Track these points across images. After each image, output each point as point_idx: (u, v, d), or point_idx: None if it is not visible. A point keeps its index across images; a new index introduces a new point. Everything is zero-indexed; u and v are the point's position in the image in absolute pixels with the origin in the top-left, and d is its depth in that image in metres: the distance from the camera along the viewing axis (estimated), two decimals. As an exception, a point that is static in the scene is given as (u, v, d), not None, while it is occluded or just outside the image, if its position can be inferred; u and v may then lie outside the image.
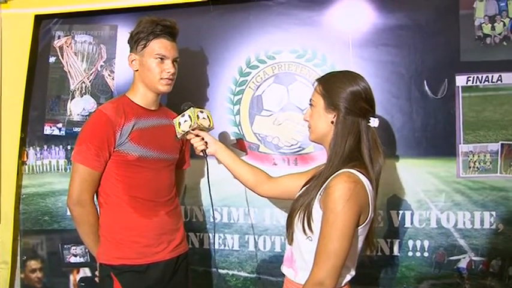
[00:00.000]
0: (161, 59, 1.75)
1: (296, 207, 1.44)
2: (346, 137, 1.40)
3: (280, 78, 2.23)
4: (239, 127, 2.27)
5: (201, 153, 1.73)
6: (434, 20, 2.09)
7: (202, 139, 1.72)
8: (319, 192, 1.37)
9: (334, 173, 1.37)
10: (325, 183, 1.36)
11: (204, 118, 1.72)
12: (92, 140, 1.70)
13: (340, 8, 2.17)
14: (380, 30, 2.14)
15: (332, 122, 1.43)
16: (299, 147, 2.20)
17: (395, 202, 2.11)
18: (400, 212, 2.11)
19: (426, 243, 2.10)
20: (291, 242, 1.48)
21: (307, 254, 1.39)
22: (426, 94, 2.10)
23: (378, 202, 1.79)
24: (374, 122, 1.43)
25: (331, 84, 1.45)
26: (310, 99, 1.50)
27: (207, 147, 1.72)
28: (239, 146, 2.24)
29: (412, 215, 2.11)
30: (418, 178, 2.10)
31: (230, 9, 2.26)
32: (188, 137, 1.74)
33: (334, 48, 2.17)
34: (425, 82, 2.09)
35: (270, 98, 2.24)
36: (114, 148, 1.72)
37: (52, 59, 2.44)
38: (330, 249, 1.30)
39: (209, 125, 1.74)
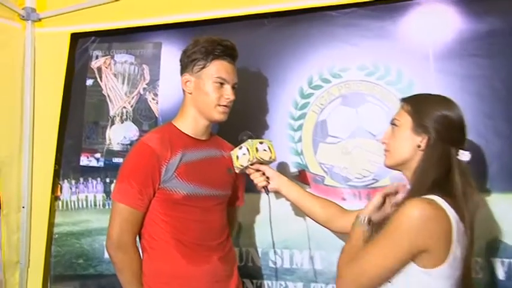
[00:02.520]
0: (221, 83, 1.76)
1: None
2: (435, 165, 1.38)
3: (348, 100, 2.18)
4: (301, 156, 2.23)
5: (263, 190, 1.72)
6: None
7: (263, 174, 1.72)
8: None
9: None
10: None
11: (264, 150, 1.72)
12: (135, 177, 1.69)
13: (418, 14, 2.11)
14: (467, 38, 2.05)
15: (419, 146, 1.42)
16: (372, 179, 2.12)
17: (498, 248, 1.95)
18: (506, 260, 1.95)
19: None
20: None
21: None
22: (530, 112, 1.97)
23: (475, 247, 1.68)
24: (464, 155, 1.40)
25: (422, 104, 1.46)
26: (394, 119, 1.50)
27: (268, 183, 1.72)
28: (301, 178, 2.19)
29: (524, 264, 1.93)
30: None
31: (288, 22, 2.24)
32: (247, 171, 1.75)
33: (412, 63, 2.11)
34: (529, 97, 1.96)
35: (337, 123, 2.20)
36: (159, 185, 1.70)
37: (89, 82, 2.48)
38: (366, 258, 1.32)
39: (270, 158, 1.74)
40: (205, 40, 1.76)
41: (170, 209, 1.72)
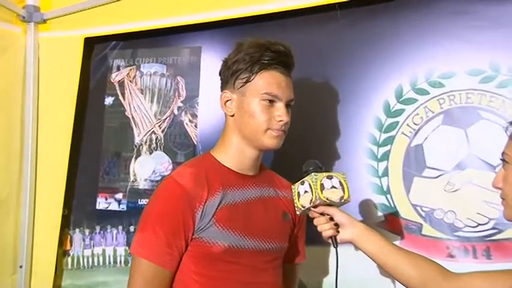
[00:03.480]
0: (270, 101, 1.70)
1: None
2: None
3: (454, 117, 2.07)
4: (387, 196, 2.14)
5: (329, 240, 1.65)
6: None
7: (331, 219, 1.64)
8: None
9: None
10: None
11: (333, 188, 1.64)
12: (162, 224, 1.65)
13: None
14: None
15: None
16: (493, 228, 1.98)
17: None
18: None
19: None
20: None
21: None
22: None
23: None
24: None
25: None
26: (503, 153, 1.42)
27: (337, 232, 1.65)
28: (389, 225, 2.10)
29: None
30: None
31: (366, 14, 2.18)
32: (310, 215, 1.69)
33: None
34: None
35: (438, 149, 2.08)
36: (193, 235, 1.66)
37: (109, 100, 2.50)
38: None
39: (342, 198, 1.65)
40: (250, 45, 1.72)
41: (207, 267, 1.67)
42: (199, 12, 2.26)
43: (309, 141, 2.18)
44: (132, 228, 2.37)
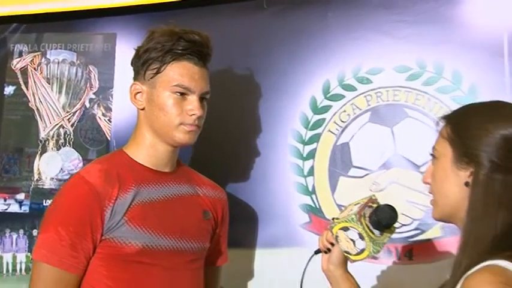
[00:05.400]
0: (182, 93, 1.79)
1: None
2: (493, 209, 1.35)
3: (381, 115, 2.23)
4: (313, 196, 2.26)
5: (319, 252, 1.74)
6: None
7: (332, 245, 1.71)
8: None
9: (473, 267, 1.29)
10: (458, 286, 1.30)
11: (350, 240, 1.66)
12: (66, 224, 1.68)
13: None
14: None
15: (467, 184, 1.39)
16: (416, 228, 2.15)
17: None
18: None
19: None
20: None
21: None
22: None
23: None
24: None
25: (468, 124, 1.44)
26: (433, 148, 1.49)
27: (326, 252, 1.71)
28: (313, 227, 2.22)
29: None
30: None
31: (295, 5, 2.32)
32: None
33: (476, 60, 2.15)
34: None
35: (364, 148, 2.23)
36: (102, 235, 1.70)
37: (9, 90, 2.53)
38: None
39: (357, 254, 1.67)
40: (163, 33, 1.79)
41: (120, 270, 1.72)
42: None
43: (230, 138, 2.30)
44: (35, 232, 2.36)
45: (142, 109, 1.83)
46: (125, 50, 2.34)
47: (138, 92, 1.82)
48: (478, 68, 2.14)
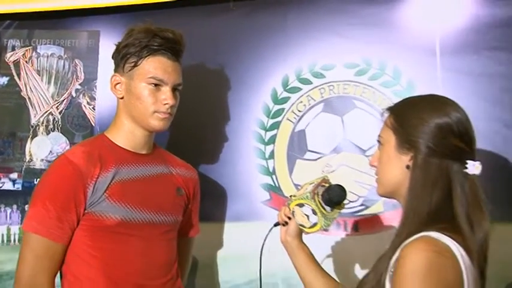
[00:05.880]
0: (156, 84, 1.82)
1: None
2: (429, 188, 1.40)
3: (332, 105, 2.29)
4: (273, 176, 2.31)
5: (278, 225, 1.76)
6: None
7: (289, 219, 1.73)
8: (390, 268, 1.36)
9: (411, 236, 1.35)
10: (397, 252, 1.35)
11: (305, 215, 1.67)
12: (52, 199, 1.72)
13: None
14: (485, 27, 2.16)
15: (408, 167, 1.44)
16: (361, 205, 2.22)
17: None
18: None
19: None
20: None
21: None
22: None
23: None
24: (473, 168, 1.40)
25: (408, 114, 1.48)
26: (379, 136, 1.54)
27: (284, 224, 1.74)
28: (273, 203, 2.27)
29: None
30: None
31: (259, 8, 2.36)
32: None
33: (413, 58, 2.21)
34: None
35: (318, 134, 2.29)
36: (85, 209, 1.74)
37: (3, 80, 2.54)
38: None
39: (310, 227, 1.68)
40: (140, 30, 1.82)
41: (100, 239, 1.76)
42: None
43: (201, 125, 2.33)
44: (27, 208, 2.33)
45: (122, 98, 1.87)
46: (107, 45, 2.35)
47: (118, 83, 1.86)
48: (414, 65, 2.20)
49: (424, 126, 1.42)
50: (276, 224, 1.74)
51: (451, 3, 2.18)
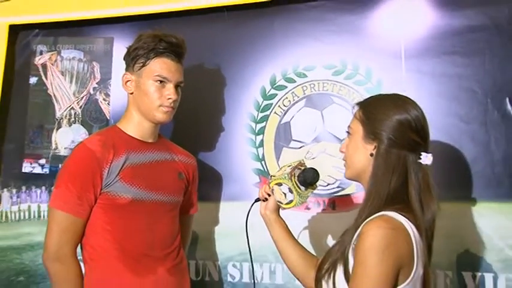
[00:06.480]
0: (161, 82, 1.89)
1: (326, 261, 1.51)
2: (389, 174, 1.46)
3: (313, 101, 2.34)
4: (262, 162, 2.38)
5: (258, 200, 1.80)
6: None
7: (269, 195, 1.77)
8: (353, 241, 1.43)
9: (372, 215, 1.42)
10: (360, 229, 1.41)
11: (282, 194, 1.71)
12: (73, 181, 1.80)
13: (390, 8, 2.25)
14: (444, 34, 2.18)
15: (371, 155, 1.50)
16: (338, 186, 2.27)
17: (469, 261, 2.09)
18: (478, 274, 2.08)
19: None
20: None
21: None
22: (509, 116, 2.09)
23: (444, 259, 2.05)
24: (426, 159, 1.48)
25: (374, 109, 1.53)
26: (348, 127, 1.60)
27: (264, 200, 1.78)
28: (262, 185, 2.18)
29: (495, 279, 2.07)
30: (502, 229, 2.07)
31: (249, 17, 2.41)
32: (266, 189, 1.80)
33: (382, 61, 2.25)
34: (507, 100, 2.09)
35: (301, 126, 2.35)
36: (101, 190, 1.82)
37: (33, 80, 2.62)
38: None
39: (287, 203, 1.72)
40: (148, 36, 1.90)
41: (114, 216, 1.84)
42: (112, 8, 2.41)
43: (200, 118, 2.39)
44: (53, 188, 2.09)
45: (132, 93, 1.93)
46: (120, 50, 2.32)
47: (128, 80, 1.93)
48: (383, 67, 2.23)
49: (387, 121, 1.47)
50: (257, 200, 1.79)
51: (415, 14, 2.21)
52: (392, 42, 2.22)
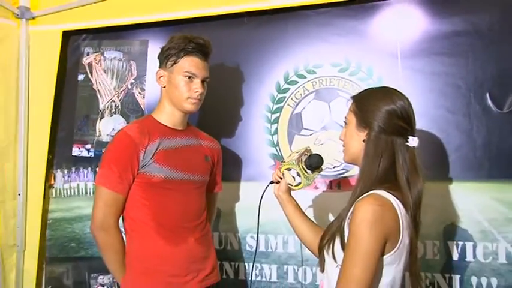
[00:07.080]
0: (190, 77, 1.95)
1: (327, 233, 1.58)
2: (378, 157, 1.52)
3: (321, 94, 2.42)
4: (277, 148, 2.46)
5: (272, 183, 1.86)
6: (498, 24, 2.20)
7: (281, 179, 1.83)
8: (348, 216, 1.49)
9: (365, 193, 1.48)
10: (354, 205, 1.47)
11: (292, 177, 1.77)
12: (115, 162, 1.89)
13: (387, 15, 2.34)
14: (433, 37, 2.27)
15: (364, 141, 1.55)
16: (342, 169, 2.36)
17: (454, 232, 2.21)
18: (460, 243, 2.20)
19: (494, 281, 2.14)
20: (322, 270, 1.61)
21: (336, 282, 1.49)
22: (489, 108, 2.18)
23: (433, 231, 2.15)
24: (413, 142, 1.53)
25: (365, 102, 1.58)
26: (344, 117, 1.66)
27: (277, 182, 1.83)
28: (276, 168, 2.35)
29: (474, 247, 2.18)
30: (481, 205, 2.18)
31: (266, 21, 2.49)
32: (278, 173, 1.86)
33: (381, 60, 2.32)
34: (487, 95, 2.19)
35: (310, 116, 2.42)
36: (138, 170, 1.90)
37: (81, 77, 2.73)
38: (349, 276, 1.41)
39: (296, 185, 1.78)
40: (179, 37, 1.97)
41: (150, 192, 1.92)
42: (147, 14, 2.49)
43: (223, 109, 2.46)
44: (97, 169, 2.08)
45: (164, 87, 2.00)
46: (154, 51, 2.41)
47: (161, 76, 2.00)
48: (382, 65, 2.30)
49: (377, 111, 1.52)
50: (271, 182, 1.87)
51: (410, 20, 2.28)
52: (390, 44, 2.30)
